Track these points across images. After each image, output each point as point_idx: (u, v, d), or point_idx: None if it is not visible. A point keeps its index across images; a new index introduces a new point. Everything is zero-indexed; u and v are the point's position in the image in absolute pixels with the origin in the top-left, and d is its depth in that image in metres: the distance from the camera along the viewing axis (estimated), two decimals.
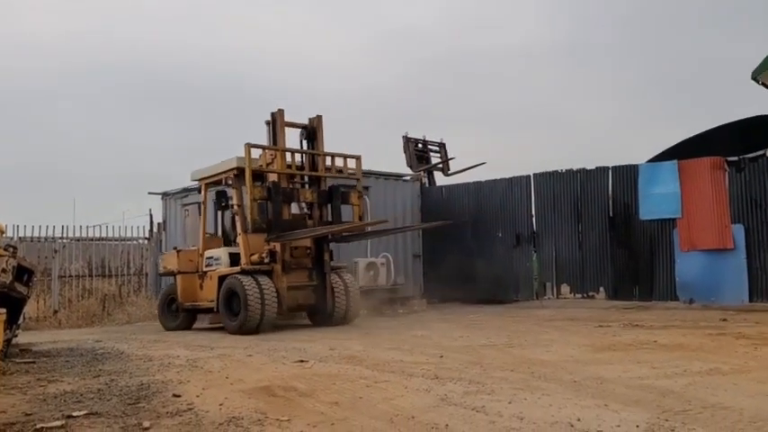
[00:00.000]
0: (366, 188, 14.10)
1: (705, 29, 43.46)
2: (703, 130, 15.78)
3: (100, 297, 14.48)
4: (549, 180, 13.50)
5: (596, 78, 45.82)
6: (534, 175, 13.74)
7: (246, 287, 9.18)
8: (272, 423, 3.92)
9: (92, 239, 15.63)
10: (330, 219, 10.21)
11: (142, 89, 49.57)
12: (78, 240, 15.42)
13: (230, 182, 10.24)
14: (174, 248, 11.77)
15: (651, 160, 13.81)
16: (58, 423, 4.04)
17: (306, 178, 10.50)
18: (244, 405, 4.42)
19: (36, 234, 14.58)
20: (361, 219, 10.50)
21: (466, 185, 15.06)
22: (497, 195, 14.24)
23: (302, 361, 6.27)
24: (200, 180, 11.13)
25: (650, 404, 4.05)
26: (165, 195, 17.35)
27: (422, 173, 16.43)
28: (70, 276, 14.97)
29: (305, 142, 10.44)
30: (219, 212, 11.32)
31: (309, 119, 10.40)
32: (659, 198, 11.89)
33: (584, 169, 13.09)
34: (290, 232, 9.69)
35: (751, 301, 10.80)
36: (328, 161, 10.48)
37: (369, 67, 50.06)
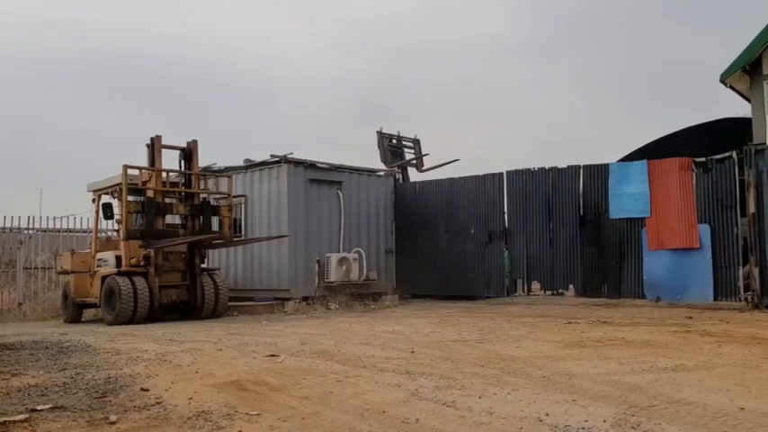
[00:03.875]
0: (339, 183, 14.13)
1: (675, 30, 44.19)
2: (672, 131, 16.11)
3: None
4: (521, 178, 13.61)
5: (567, 75, 46.32)
6: (507, 172, 13.84)
7: (121, 286, 10.61)
8: (241, 417, 3.89)
9: (59, 231, 15.35)
10: (200, 229, 11.66)
11: (98, 76, 48.80)
12: (45, 231, 15.13)
13: (116, 195, 11.57)
14: (72, 251, 12.98)
15: (621, 160, 14.00)
16: (21, 417, 3.95)
17: (183, 194, 11.86)
18: (213, 399, 4.38)
19: (0, 225, 14.25)
20: (229, 228, 12.09)
21: (439, 182, 15.11)
22: (470, 192, 14.31)
23: (273, 355, 6.23)
24: (94, 191, 12.30)
25: (617, 399, 4.11)
26: None
27: (396, 168, 16.45)
28: (36, 268, 14.68)
29: (183, 162, 11.87)
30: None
31: (187, 142, 11.83)
32: (629, 197, 12.06)
33: (555, 168, 13.22)
34: (160, 240, 11.09)
35: (716, 299, 11.02)
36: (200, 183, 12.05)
37: (337, 58, 49.91)
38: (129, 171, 11.18)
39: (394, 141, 17.21)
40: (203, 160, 12.63)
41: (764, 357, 5.64)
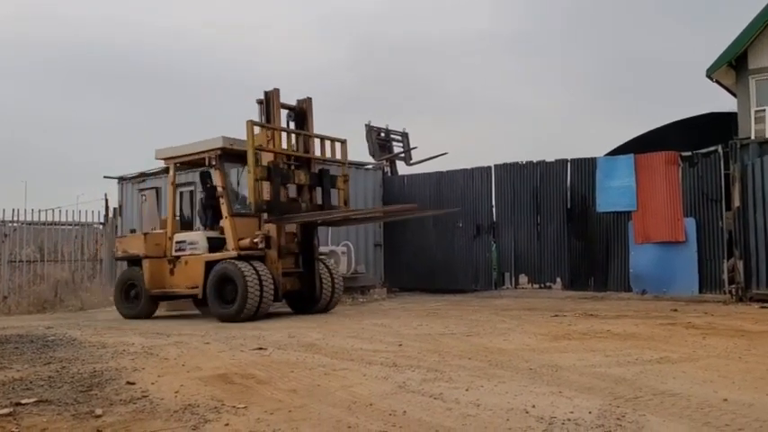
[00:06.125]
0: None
1: (662, 25, 44.39)
2: (659, 125, 16.21)
3: (52, 283, 14.09)
4: (509, 171, 13.65)
5: (554, 70, 46.44)
6: (495, 166, 13.87)
7: (245, 273, 8.88)
8: (228, 410, 3.88)
9: (44, 224, 15.22)
10: (321, 202, 10.08)
11: (78, 67, 48.41)
12: (30, 224, 15.00)
13: (213, 162, 9.72)
14: (132, 231, 11.21)
15: (609, 154, 14.08)
16: (5, 411, 3.92)
17: (299, 161, 10.20)
18: (200, 392, 4.36)
19: None
20: (346, 203, 10.43)
21: (427, 175, 15.12)
22: (458, 186, 14.34)
23: (261, 348, 6.22)
24: (168, 159, 10.51)
25: (603, 391, 4.14)
26: (121, 180, 16.98)
27: (384, 162, 16.43)
28: (21, 261, 14.54)
29: (292, 124, 10.17)
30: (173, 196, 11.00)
31: (298, 101, 10.19)
32: (615, 191, 12.13)
33: (543, 161, 13.27)
34: (296, 214, 9.53)
35: (701, 292, 11.13)
36: (317, 144, 10.25)
37: (322, 50, 49.76)
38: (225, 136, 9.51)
39: (382, 134, 17.18)
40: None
41: (748, 349, 5.71)
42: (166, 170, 15.96)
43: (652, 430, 3.32)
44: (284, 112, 10.04)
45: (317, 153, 10.22)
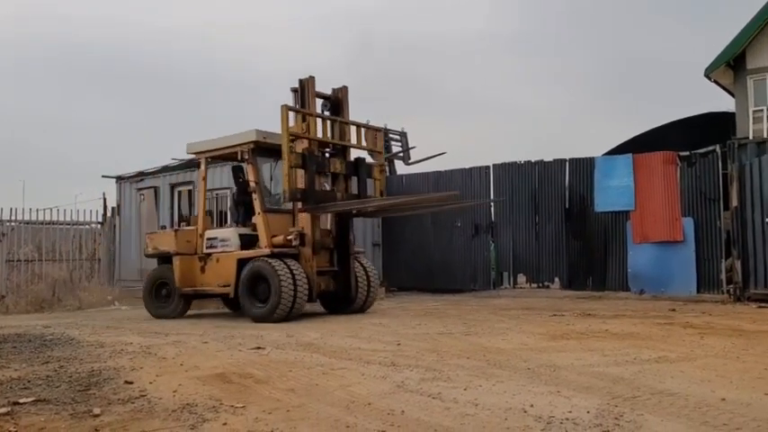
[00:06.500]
0: None
1: (661, 25, 44.43)
2: (657, 125, 16.23)
3: (50, 282, 14.08)
4: (507, 171, 13.65)
5: (553, 69, 46.46)
6: (493, 165, 13.87)
7: (279, 271, 8.53)
8: (226, 410, 3.88)
9: (42, 223, 15.20)
10: (357, 192, 9.72)
11: (77, 67, 48.40)
12: (28, 224, 14.98)
13: (246, 157, 9.41)
14: (163, 227, 10.85)
15: (607, 154, 14.09)
16: (3, 410, 3.91)
17: (335, 149, 9.86)
18: (198, 392, 4.36)
19: None
20: (382, 194, 10.10)
21: (426, 175, 15.11)
22: (456, 185, 14.31)
23: (259, 348, 6.22)
24: (199, 153, 10.21)
25: (601, 391, 4.15)
26: (119, 179, 16.98)
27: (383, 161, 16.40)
28: (19, 261, 14.53)
29: (327, 114, 9.85)
30: (177, 196, 10.94)
31: (333, 89, 9.85)
32: (614, 191, 12.14)
33: (542, 161, 13.28)
34: (331, 203, 9.13)
35: (699, 292, 11.14)
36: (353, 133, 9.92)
37: (321, 48, 49.74)
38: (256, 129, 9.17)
39: None
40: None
41: (746, 349, 5.72)
42: (165, 168, 15.96)
43: (650, 429, 3.33)
44: (319, 102, 9.74)
45: (353, 142, 9.92)
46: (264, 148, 9.45)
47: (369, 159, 10.80)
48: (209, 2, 51.28)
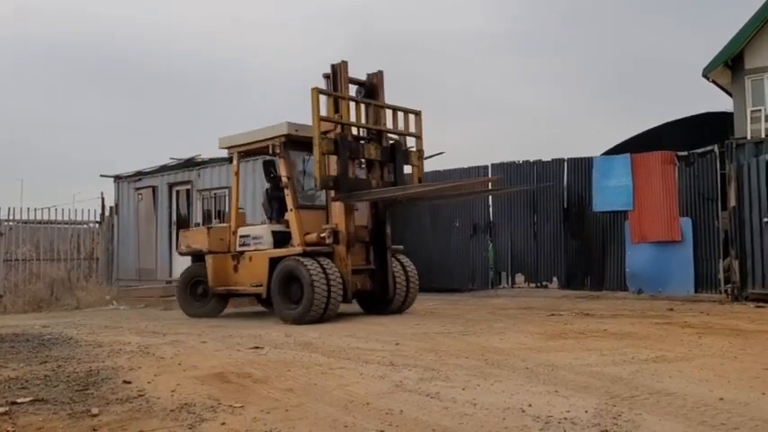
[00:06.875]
0: None
1: (659, 25, 44.47)
2: (655, 125, 16.25)
3: (48, 282, 14.06)
4: (506, 171, 13.63)
5: (551, 69, 46.48)
6: (492, 165, 13.86)
7: (311, 271, 8.17)
8: (225, 409, 3.87)
9: (40, 222, 15.19)
10: (393, 180, 9.23)
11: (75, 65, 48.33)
12: (26, 223, 14.97)
13: (278, 151, 9.07)
14: (197, 224, 10.51)
15: (605, 153, 14.10)
16: (1, 410, 3.91)
17: (372, 134, 9.44)
18: (196, 391, 4.36)
19: None
20: (420, 181, 9.68)
21: (424, 174, 15.06)
22: None
23: (257, 347, 6.22)
24: (231, 148, 9.91)
25: (599, 390, 4.15)
26: (117, 178, 16.96)
27: None
28: (17, 260, 14.51)
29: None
30: (175, 196, 10.79)
31: (368, 75, 9.43)
32: (612, 190, 12.14)
33: (540, 161, 13.27)
34: (366, 191, 8.64)
35: (696, 291, 11.14)
36: (389, 118, 9.45)
37: (321, 47, 49.71)
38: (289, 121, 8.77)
39: None
40: (189, 150, 11.68)
41: (743, 349, 5.72)
42: (163, 168, 15.93)
43: (648, 429, 3.33)
44: (353, 90, 9.33)
45: (389, 127, 9.48)
46: (297, 142, 9.06)
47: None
48: (210, 2, 51.23)
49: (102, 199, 16.76)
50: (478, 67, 49.74)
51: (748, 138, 11.98)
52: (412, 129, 9.65)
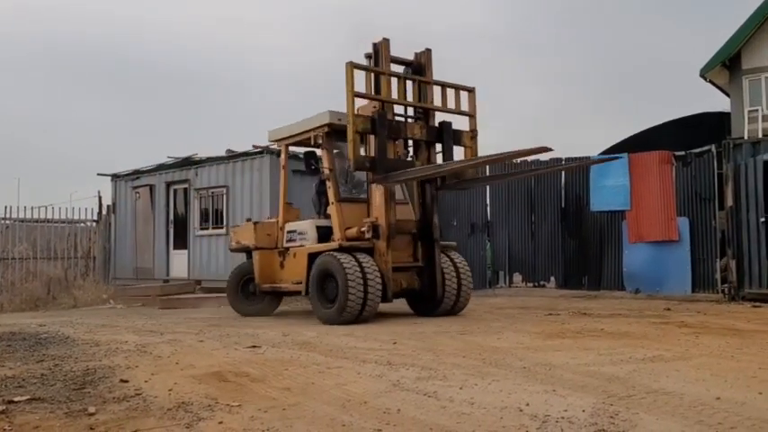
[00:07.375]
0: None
1: (658, 25, 44.54)
2: (653, 125, 16.27)
3: (45, 280, 14.05)
4: (504, 170, 13.63)
5: (549, 69, 46.53)
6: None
7: (346, 268, 7.72)
8: (222, 408, 3.87)
9: (37, 221, 15.16)
10: (441, 162, 8.70)
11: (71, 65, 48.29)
12: (23, 221, 14.94)
13: (320, 141, 8.78)
14: (248, 219, 10.36)
15: (603, 153, 14.11)
16: None
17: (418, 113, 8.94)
18: (194, 390, 4.35)
19: None
20: None
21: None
22: None
23: (255, 347, 6.21)
24: (279, 141, 9.78)
25: (596, 389, 4.15)
26: (114, 177, 16.93)
27: None
28: (13, 258, 14.49)
29: (410, 84, 8.91)
30: (173, 194, 10.69)
31: (416, 54, 8.94)
32: (610, 190, 12.16)
33: (537, 160, 13.26)
34: (402, 171, 8.08)
35: (694, 291, 11.18)
36: (437, 96, 8.91)
37: (320, 46, 49.72)
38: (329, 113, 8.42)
39: None
40: (188, 150, 11.69)
41: (740, 348, 5.73)
42: (161, 166, 15.90)
43: (645, 428, 3.33)
44: (400, 70, 8.87)
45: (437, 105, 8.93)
46: (340, 131, 8.52)
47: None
48: (210, 2, 51.16)
49: (100, 197, 16.74)
50: (479, 67, 49.80)
51: (745, 138, 12.00)
52: (464, 107, 9.04)
